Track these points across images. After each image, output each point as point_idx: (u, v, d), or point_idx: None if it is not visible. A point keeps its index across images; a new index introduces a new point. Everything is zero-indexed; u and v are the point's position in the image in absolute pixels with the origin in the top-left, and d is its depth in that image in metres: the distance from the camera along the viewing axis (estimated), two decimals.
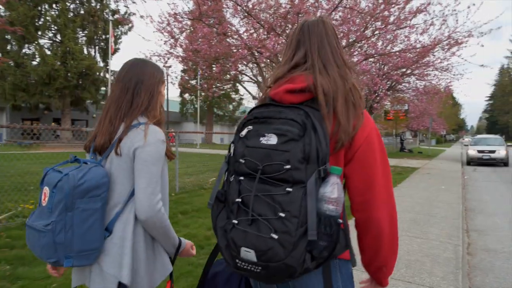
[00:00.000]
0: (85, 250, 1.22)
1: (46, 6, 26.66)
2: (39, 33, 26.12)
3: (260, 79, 9.91)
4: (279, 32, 7.65)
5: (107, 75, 26.65)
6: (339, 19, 7.97)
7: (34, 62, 26.20)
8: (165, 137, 1.36)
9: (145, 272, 1.30)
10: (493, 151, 16.98)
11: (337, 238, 0.92)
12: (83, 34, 28.07)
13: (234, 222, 0.95)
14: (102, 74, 28.63)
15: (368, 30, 8.42)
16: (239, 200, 0.96)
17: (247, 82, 10.28)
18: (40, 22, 26.26)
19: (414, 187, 9.05)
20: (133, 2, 10.25)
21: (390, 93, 14.92)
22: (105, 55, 28.62)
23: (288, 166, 0.91)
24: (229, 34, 8.05)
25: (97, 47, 29.27)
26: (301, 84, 1.05)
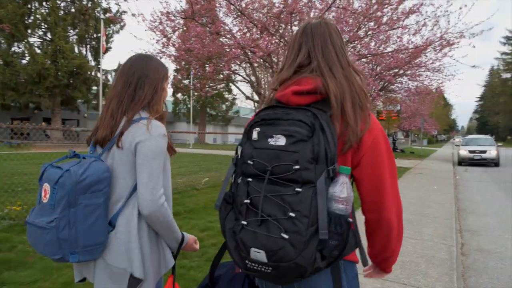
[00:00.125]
0: (90, 245, 1.22)
1: (36, 4, 26.26)
2: (29, 31, 25.71)
3: (253, 79, 9.85)
4: (273, 31, 7.61)
5: (99, 74, 26.34)
6: (333, 19, 7.96)
7: (24, 61, 25.80)
8: (166, 131, 1.36)
9: (150, 266, 1.31)
10: (484, 151, 17.17)
11: (347, 237, 0.93)
12: (74, 33, 27.70)
13: (243, 223, 0.95)
14: (93, 73, 28.30)
15: (361, 31, 8.43)
16: (248, 201, 0.96)
17: (240, 82, 10.21)
18: (29, 20, 25.83)
19: (407, 187, 9.08)
20: (124, 0, 10.13)
21: (382, 93, 14.96)
22: (96, 54, 28.30)
23: (297, 167, 0.92)
24: (222, 33, 7.98)
25: (88, 46, 28.88)
26: (308, 86, 1.06)
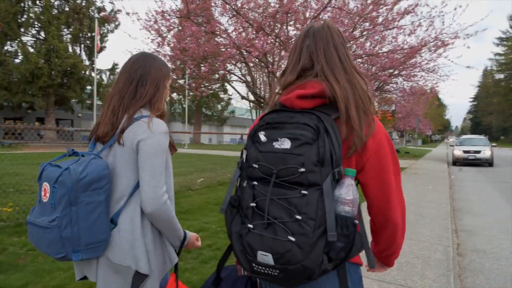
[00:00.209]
0: (92, 243, 1.22)
1: (29, 3, 26.01)
2: (22, 30, 25.46)
3: (248, 79, 9.81)
4: (268, 31, 7.57)
5: (93, 74, 26.15)
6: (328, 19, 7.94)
7: (17, 60, 25.55)
8: (168, 129, 1.36)
9: (155, 262, 1.31)
10: (478, 151, 17.25)
11: (353, 239, 0.93)
12: (68, 32, 27.46)
13: (250, 226, 0.95)
14: (87, 72, 28.05)
15: (356, 31, 8.42)
16: (254, 204, 0.97)
17: (236, 81, 10.17)
18: (23, 19, 25.57)
19: (403, 187, 9.05)
20: None
21: (377, 93, 14.99)
22: (90, 54, 28.08)
23: (302, 169, 0.92)
24: (217, 33, 7.93)
25: (82, 45, 28.65)
26: (312, 90, 1.06)
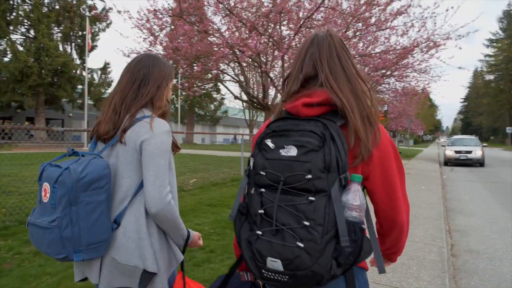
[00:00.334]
0: (94, 243, 1.22)
1: (19, 0, 25.60)
2: (11, 28, 25.02)
3: (242, 79, 9.76)
4: (261, 31, 7.53)
5: (84, 73, 25.81)
6: (321, 20, 7.92)
7: (6, 59, 25.13)
8: (170, 128, 1.36)
9: (161, 260, 1.31)
10: (469, 152, 17.38)
11: (361, 244, 0.95)
12: (58, 30, 27.09)
13: (258, 233, 0.97)
14: (78, 72, 27.73)
15: (349, 31, 8.43)
16: (262, 211, 0.98)
17: (229, 81, 10.11)
18: (12, 17, 25.16)
19: None
20: None
21: None
22: (81, 52, 27.75)
23: (309, 176, 0.93)
24: (210, 32, 7.86)
25: (73, 44, 28.29)
26: (318, 98, 1.07)
